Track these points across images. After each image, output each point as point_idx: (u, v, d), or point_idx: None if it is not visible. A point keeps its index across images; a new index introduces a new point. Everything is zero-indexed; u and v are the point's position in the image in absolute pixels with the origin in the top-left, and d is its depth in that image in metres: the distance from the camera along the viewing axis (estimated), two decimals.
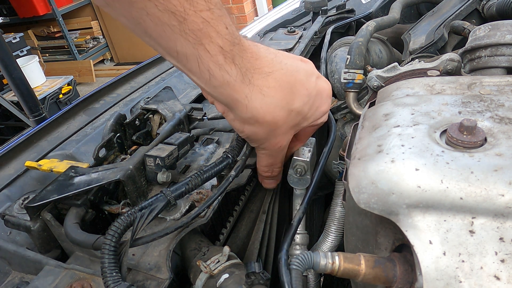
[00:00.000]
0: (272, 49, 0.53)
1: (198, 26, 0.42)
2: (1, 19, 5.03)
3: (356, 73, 0.83)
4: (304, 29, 1.27)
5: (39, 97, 3.55)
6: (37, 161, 0.73)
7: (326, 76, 0.97)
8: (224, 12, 0.45)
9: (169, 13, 0.41)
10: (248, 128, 0.53)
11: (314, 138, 0.68)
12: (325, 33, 1.14)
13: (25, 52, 4.31)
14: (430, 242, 0.36)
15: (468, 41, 0.67)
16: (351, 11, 1.34)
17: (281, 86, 0.51)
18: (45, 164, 0.70)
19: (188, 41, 0.43)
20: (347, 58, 0.84)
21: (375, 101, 0.57)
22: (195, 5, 0.42)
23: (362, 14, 1.27)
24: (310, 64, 0.57)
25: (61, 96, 4.17)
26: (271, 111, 0.51)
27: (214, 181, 0.65)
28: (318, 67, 1.16)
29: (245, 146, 0.63)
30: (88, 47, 5.55)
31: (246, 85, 0.48)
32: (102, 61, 5.89)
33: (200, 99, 1.06)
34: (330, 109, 0.96)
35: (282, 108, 0.52)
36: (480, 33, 0.65)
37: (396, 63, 0.70)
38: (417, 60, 0.71)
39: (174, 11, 0.41)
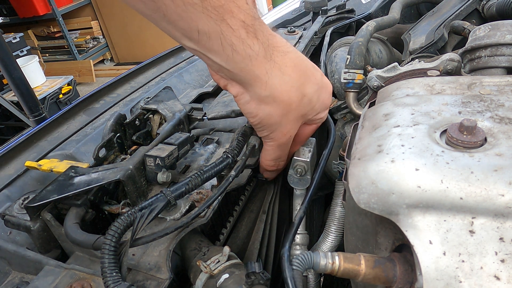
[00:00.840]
0: None
1: (219, 2, 0.43)
2: (1, 19, 5.03)
3: (356, 73, 0.83)
4: (304, 29, 1.27)
5: (39, 97, 3.55)
6: (37, 161, 0.73)
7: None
8: None
9: None
10: (264, 109, 0.53)
11: (314, 138, 0.68)
12: (325, 34, 1.14)
13: (25, 52, 4.31)
14: (430, 242, 0.36)
15: (468, 41, 0.67)
16: (351, 11, 1.34)
17: (297, 67, 0.52)
18: (45, 164, 0.70)
19: (210, 18, 0.43)
20: (347, 58, 0.84)
21: (375, 101, 0.57)
22: None
23: (361, 14, 1.27)
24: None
25: (61, 96, 4.17)
26: (288, 91, 0.52)
27: (214, 181, 0.65)
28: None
29: (245, 146, 0.63)
30: (88, 47, 5.56)
31: (268, 60, 0.49)
32: (102, 61, 5.90)
33: (200, 99, 1.06)
34: (330, 109, 0.96)
35: (297, 89, 0.53)
36: (480, 33, 0.65)
37: (396, 63, 0.70)
38: (417, 60, 0.71)
39: None
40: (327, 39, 1.10)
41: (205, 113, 0.81)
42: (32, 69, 4.10)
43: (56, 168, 0.69)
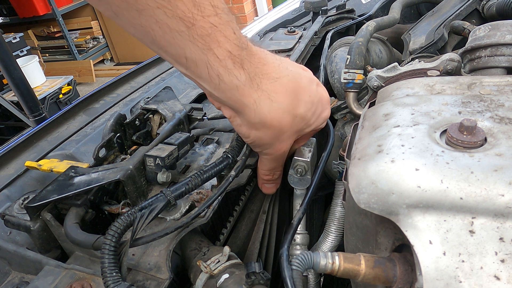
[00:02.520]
0: (277, 55, 0.55)
1: (206, 32, 0.43)
2: (1, 19, 5.03)
3: (356, 73, 0.83)
4: (304, 29, 1.27)
5: (39, 97, 3.55)
6: (37, 161, 0.73)
7: (326, 79, 0.97)
8: (231, 18, 0.45)
9: (177, 19, 0.41)
10: (255, 133, 0.54)
11: (314, 138, 0.68)
12: (325, 37, 1.14)
13: (25, 52, 4.31)
14: (430, 242, 0.36)
15: (468, 41, 0.67)
16: (351, 11, 1.34)
17: (288, 92, 0.52)
18: (45, 164, 0.70)
19: (197, 47, 0.44)
20: (347, 58, 0.84)
21: (375, 101, 0.57)
22: (202, 11, 0.42)
23: (361, 16, 1.27)
24: (310, 72, 0.59)
25: (61, 96, 4.16)
26: (278, 117, 0.52)
27: (214, 181, 0.65)
28: (317, 67, 1.16)
29: (245, 146, 0.63)
30: (88, 47, 5.55)
31: (255, 90, 0.49)
32: (102, 61, 5.89)
33: (200, 99, 1.06)
34: (330, 109, 0.96)
35: (288, 113, 0.53)
36: (480, 33, 0.65)
37: (396, 63, 0.70)
38: (417, 60, 0.71)
39: (182, 17, 0.41)
40: (327, 42, 1.10)
41: (205, 113, 0.81)
42: (32, 69, 4.10)
43: (56, 168, 0.69)
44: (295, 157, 0.64)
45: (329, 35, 1.13)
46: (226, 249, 0.55)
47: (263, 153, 0.60)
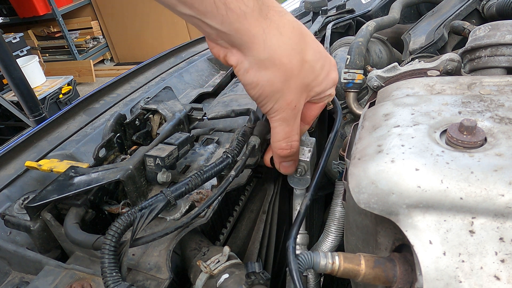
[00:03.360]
0: None
1: None
2: (1, 19, 5.03)
3: (356, 73, 0.83)
4: None
5: (39, 97, 3.55)
6: (37, 161, 0.73)
7: None
8: None
9: None
10: (264, 76, 0.51)
11: (314, 138, 0.68)
12: (325, 35, 1.14)
13: (25, 52, 4.31)
14: (430, 242, 0.36)
15: (468, 41, 0.67)
16: (351, 11, 1.34)
17: (295, 30, 0.50)
18: (45, 164, 0.70)
19: None
20: (347, 58, 0.85)
21: (375, 101, 0.57)
22: None
23: (362, 11, 1.27)
24: None
25: (61, 96, 4.17)
26: (288, 54, 0.50)
27: (214, 181, 0.65)
28: None
29: (245, 146, 0.63)
30: (88, 47, 5.56)
31: (264, 18, 0.48)
32: (102, 61, 5.90)
33: (200, 99, 1.06)
34: (330, 110, 0.96)
35: (297, 53, 0.51)
36: (480, 33, 0.65)
37: (396, 63, 0.70)
38: (417, 60, 0.71)
39: None
40: (328, 32, 1.10)
41: (205, 113, 0.81)
42: (32, 69, 4.10)
43: (56, 168, 0.69)
44: None
45: (329, 26, 1.14)
46: (226, 249, 0.55)
47: (274, 110, 0.55)
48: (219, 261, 0.54)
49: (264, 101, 0.54)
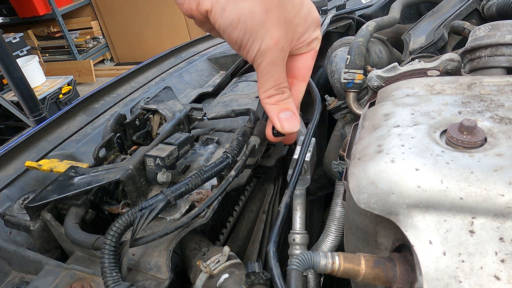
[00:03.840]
0: None
1: None
2: (1, 19, 5.03)
3: (356, 73, 0.83)
4: None
5: (39, 97, 3.55)
6: (37, 161, 0.73)
7: (326, 80, 0.97)
8: None
9: None
10: (244, 7, 0.47)
11: (314, 139, 0.68)
12: (323, 23, 1.15)
13: (25, 52, 4.31)
14: (430, 242, 0.36)
15: (468, 41, 0.67)
16: (351, 11, 1.34)
17: None
18: (45, 164, 0.70)
19: None
20: (347, 58, 0.84)
21: (375, 101, 0.57)
22: None
23: (362, 7, 1.28)
24: None
25: (61, 96, 4.16)
26: None
27: (214, 181, 0.65)
28: (319, 67, 1.16)
29: (245, 146, 0.63)
30: (88, 47, 5.56)
31: None
32: (102, 61, 5.90)
33: (200, 99, 1.06)
34: (330, 110, 0.96)
35: None
36: (480, 33, 0.65)
37: (396, 63, 0.70)
38: (417, 60, 0.71)
39: None
40: (327, 21, 1.10)
41: (205, 113, 0.81)
42: (32, 69, 4.10)
43: (56, 168, 0.69)
44: (294, 157, 0.64)
45: (329, 16, 1.14)
46: (226, 249, 0.55)
47: (260, 52, 0.51)
48: (219, 261, 0.54)
49: (250, 40, 0.50)
